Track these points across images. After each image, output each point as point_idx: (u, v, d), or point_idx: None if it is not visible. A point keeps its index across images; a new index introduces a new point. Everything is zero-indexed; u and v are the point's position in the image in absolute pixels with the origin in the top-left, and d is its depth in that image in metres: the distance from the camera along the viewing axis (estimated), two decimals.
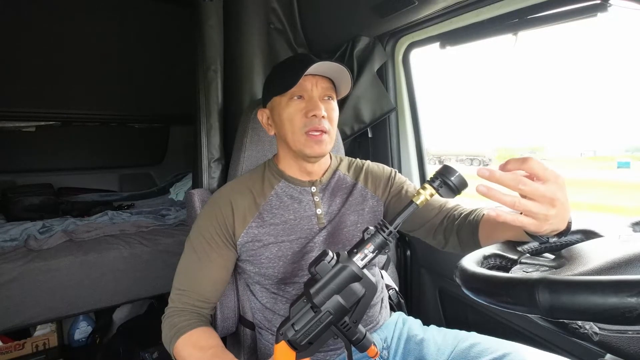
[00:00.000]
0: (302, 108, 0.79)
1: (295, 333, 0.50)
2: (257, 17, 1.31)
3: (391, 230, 0.51)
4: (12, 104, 2.22)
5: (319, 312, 0.50)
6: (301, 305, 0.52)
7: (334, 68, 0.79)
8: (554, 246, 0.59)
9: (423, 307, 1.36)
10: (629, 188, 1.45)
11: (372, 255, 0.51)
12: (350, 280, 0.50)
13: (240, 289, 0.97)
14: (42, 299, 1.44)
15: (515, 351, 0.71)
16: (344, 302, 0.50)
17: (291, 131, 0.80)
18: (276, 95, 0.82)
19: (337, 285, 0.50)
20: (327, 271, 0.50)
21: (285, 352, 0.51)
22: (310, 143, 0.79)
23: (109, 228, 1.70)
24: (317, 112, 0.77)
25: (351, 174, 0.93)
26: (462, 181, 0.50)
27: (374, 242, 0.51)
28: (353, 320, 0.53)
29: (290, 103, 0.80)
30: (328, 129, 0.80)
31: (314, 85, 0.80)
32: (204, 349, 0.71)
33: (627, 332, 0.40)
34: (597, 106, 1.56)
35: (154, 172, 3.12)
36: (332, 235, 0.84)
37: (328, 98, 0.82)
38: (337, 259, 0.51)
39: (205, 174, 1.21)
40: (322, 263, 0.50)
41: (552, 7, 0.90)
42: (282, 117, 0.81)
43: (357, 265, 0.50)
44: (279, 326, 0.52)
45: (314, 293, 0.50)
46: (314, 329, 0.50)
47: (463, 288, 0.48)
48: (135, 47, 2.27)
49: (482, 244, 0.71)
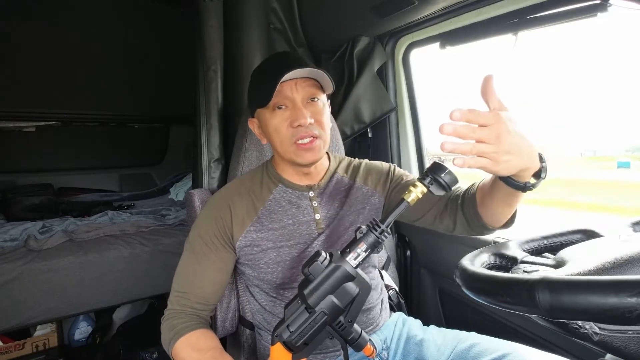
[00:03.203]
0: (287, 117, 0.76)
1: (291, 334, 0.50)
2: (257, 17, 1.31)
3: (383, 228, 0.52)
4: (12, 104, 2.22)
5: (314, 312, 0.50)
6: (295, 306, 0.52)
7: (307, 73, 0.75)
8: (554, 246, 0.59)
9: (423, 307, 1.36)
10: (629, 188, 1.45)
11: (365, 254, 0.51)
12: (343, 279, 0.50)
13: (240, 290, 0.97)
14: (42, 299, 1.44)
15: (515, 351, 0.70)
16: (338, 301, 0.50)
17: (280, 142, 0.78)
18: (259, 107, 0.79)
19: (331, 285, 0.50)
20: (320, 271, 0.50)
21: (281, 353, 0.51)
22: (300, 152, 0.77)
23: (109, 228, 1.70)
24: (302, 122, 0.74)
25: (349, 175, 0.91)
26: (452, 178, 0.51)
27: (367, 241, 0.51)
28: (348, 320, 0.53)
29: (274, 114, 0.77)
30: (318, 133, 0.76)
31: (294, 90, 0.75)
32: (202, 351, 0.71)
33: (627, 332, 0.40)
34: (597, 106, 1.58)
35: (154, 172, 3.13)
36: (330, 238, 0.83)
37: (313, 99, 0.78)
38: (330, 259, 0.51)
39: (205, 174, 1.21)
40: (315, 264, 0.50)
41: (552, 7, 0.90)
42: (269, 129, 0.78)
43: (350, 264, 0.50)
44: (274, 328, 0.52)
45: (307, 294, 0.50)
46: (308, 329, 0.50)
47: (463, 288, 0.48)
48: (136, 47, 2.27)
49: (482, 214, 0.71)
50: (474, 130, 0.50)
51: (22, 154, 2.57)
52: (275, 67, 0.75)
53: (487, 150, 0.50)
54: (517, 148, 0.52)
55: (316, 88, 0.78)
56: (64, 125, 2.63)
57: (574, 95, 1.43)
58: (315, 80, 0.78)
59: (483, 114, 0.51)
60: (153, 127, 3.05)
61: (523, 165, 0.54)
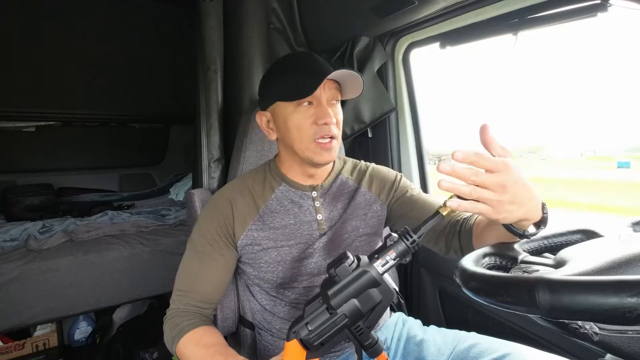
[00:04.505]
0: (312, 115, 0.76)
1: (309, 333, 0.50)
2: (257, 17, 1.31)
3: (415, 239, 0.51)
4: (12, 104, 2.22)
5: (335, 314, 0.49)
6: (317, 305, 0.51)
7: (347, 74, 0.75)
8: (554, 246, 0.59)
9: (423, 308, 1.36)
10: (629, 188, 1.45)
11: (393, 262, 0.50)
12: (369, 285, 0.50)
13: (240, 290, 0.97)
14: (42, 299, 1.44)
15: (515, 351, 0.70)
16: (361, 306, 0.50)
17: (299, 139, 0.77)
18: (281, 101, 0.78)
19: (356, 289, 0.49)
20: (347, 274, 0.49)
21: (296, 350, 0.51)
22: (320, 151, 0.77)
23: (109, 228, 1.70)
24: (328, 120, 0.75)
25: (354, 178, 0.91)
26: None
27: (397, 249, 0.50)
28: (367, 326, 0.52)
29: (299, 109, 0.76)
30: (336, 133, 0.78)
31: (323, 90, 0.76)
32: (207, 347, 0.70)
33: (627, 332, 0.40)
34: (597, 106, 1.57)
35: (154, 172, 3.13)
36: (332, 241, 0.83)
37: (335, 101, 0.79)
38: (357, 263, 0.50)
39: (205, 174, 1.21)
40: (343, 266, 0.49)
41: (552, 7, 0.89)
42: (288, 124, 0.77)
43: (377, 270, 0.50)
44: (291, 324, 0.51)
45: (331, 295, 0.49)
46: (327, 330, 0.50)
47: (463, 288, 0.48)
48: (136, 47, 2.28)
49: (475, 248, 0.71)
50: (477, 174, 0.48)
51: (22, 154, 2.57)
52: (314, 65, 0.76)
53: (489, 197, 0.49)
54: (521, 199, 0.51)
55: (338, 92, 0.80)
56: (64, 125, 2.63)
57: (573, 95, 1.43)
58: (338, 84, 0.79)
59: (491, 160, 0.49)
60: (153, 127, 3.05)
61: (524, 217, 0.53)
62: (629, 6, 0.76)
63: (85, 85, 2.33)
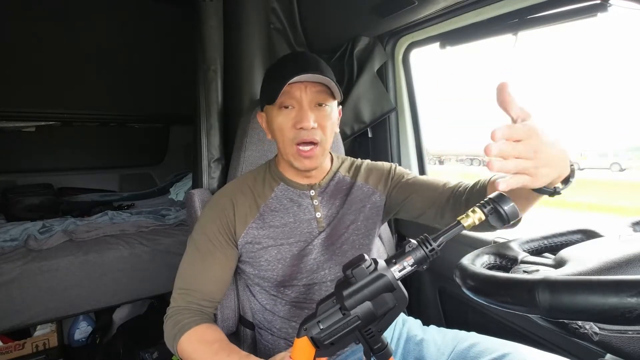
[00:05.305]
0: (292, 118, 0.76)
1: (320, 332, 0.50)
2: (257, 17, 1.31)
3: (434, 247, 0.49)
4: (12, 104, 2.22)
5: (348, 315, 0.49)
6: (330, 304, 0.51)
7: (315, 79, 0.74)
8: (554, 246, 0.59)
9: (423, 307, 1.36)
10: (629, 188, 1.45)
11: (411, 268, 0.49)
12: (384, 289, 0.49)
13: (240, 290, 0.97)
14: (42, 299, 1.44)
15: (515, 351, 0.70)
16: (374, 310, 0.49)
17: (282, 142, 0.79)
18: (267, 104, 0.80)
19: (371, 293, 0.49)
20: (364, 277, 0.49)
21: (306, 347, 0.51)
22: (300, 158, 0.78)
23: (109, 228, 1.70)
24: (305, 124, 0.74)
25: (350, 174, 0.92)
26: (514, 212, 0.48)
27: (415, 255, 0.49)
28: (378, 329, 0.51)
29: (280, 113, 0.77)
30: (319, 139, 0.77)
31: (303, 92, 0.75)
32: (209, 343, 0.70)
33: (627, 332, 0.40)
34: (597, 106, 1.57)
35: (154, 172, 3.13)
36: (330, 237, 0.84)
37: (320, 104, 0.77)
38: (375, 266, 0.50)
39: (205, 174, 1.21)
40: (360, 267, 0.49)
41: (552, 7, 0.89)
42: (272, 126, 0.79)
43: (394, 275, 0.49)
44: (302, 321, 0.51)
45: (346, 295, 0.49)
46: (339, 330, 0.50)
47: (463, 288, 0.48)
48: (135, 47, 2.27)
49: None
50: (515, 147, 0.47)
51: (22, 154, 2.57)
52: (287, 68, 0.75)
53: (526, 166, 0.48)
54: (554, 160, 0.50)
55: (326, 94, 0.77)
56: (64, 125, 2.63)
57: (573, 95, 1.43)
58: (326, 87, 0.77)
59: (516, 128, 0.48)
60: (153, 127, 3.05)
61: (558, 175, 0.52)
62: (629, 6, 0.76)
63: (85, 85, 2.33)
